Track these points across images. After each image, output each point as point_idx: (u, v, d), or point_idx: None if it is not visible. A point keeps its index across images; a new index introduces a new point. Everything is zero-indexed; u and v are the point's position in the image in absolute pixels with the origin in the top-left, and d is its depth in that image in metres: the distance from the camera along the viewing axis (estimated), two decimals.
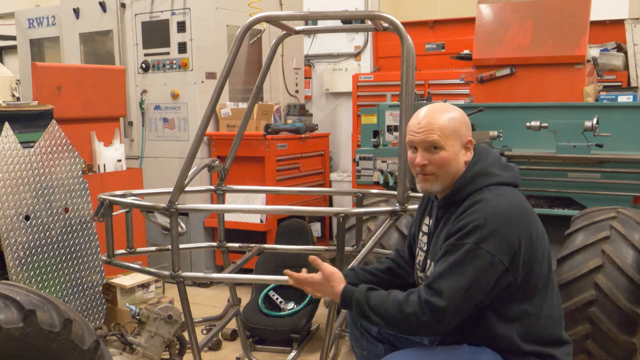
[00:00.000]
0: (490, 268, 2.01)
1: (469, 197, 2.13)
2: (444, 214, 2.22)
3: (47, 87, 4.25)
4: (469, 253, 2.01)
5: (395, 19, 2.69)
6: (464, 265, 2.01)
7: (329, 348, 2.91)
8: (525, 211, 2.13)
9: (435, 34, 7.12)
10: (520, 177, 2.25)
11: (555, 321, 2.18)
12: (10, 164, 3.46)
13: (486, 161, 2.20)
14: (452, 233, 2.09)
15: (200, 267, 5.50)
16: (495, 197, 2.09)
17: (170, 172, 5.35)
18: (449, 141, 2.15)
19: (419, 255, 2.39)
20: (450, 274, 2.02)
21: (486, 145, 2.31)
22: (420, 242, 2.39)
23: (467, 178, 2.16)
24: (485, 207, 2.06)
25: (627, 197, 3.83)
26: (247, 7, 5.62)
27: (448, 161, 2.16)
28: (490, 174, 2.17)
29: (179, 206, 2.78)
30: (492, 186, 2.14)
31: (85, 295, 3.75)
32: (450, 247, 2.06)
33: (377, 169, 4.32)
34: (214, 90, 2.82)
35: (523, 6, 4.52)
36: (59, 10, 6.20)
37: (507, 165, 2.24)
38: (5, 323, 1.89)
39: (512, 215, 2.06)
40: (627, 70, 5.72)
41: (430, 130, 2.15)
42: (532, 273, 2.10)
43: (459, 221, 2.08)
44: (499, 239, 2.01)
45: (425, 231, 2.37)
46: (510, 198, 2.12)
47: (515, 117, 4.21)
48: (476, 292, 2.02)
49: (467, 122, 2.22)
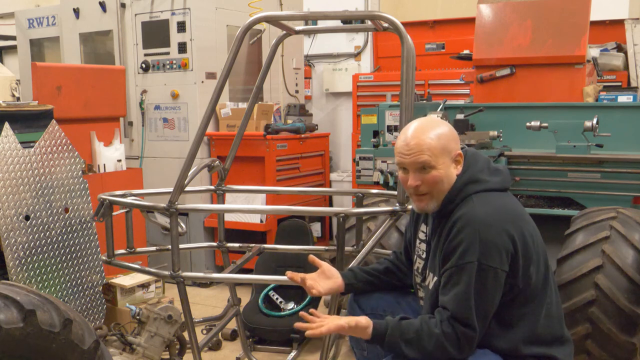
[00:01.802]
0: (496, 280, 2.04)
1: (458, 205, 2.14)
2: (439, 223, 2.23)
3: (47, 87, 4.25)
4: (473, 272, 2.02)
5: (395, 19, 2.69)
6: (475, 285, 2.03)
7: (329, 348, 2.91)
8: (515, 215, 2.13)
9: (435, 34, 7.12)
10: (510, 179, 2.25)
11: (555, 319, 2.19)
12: (10, 164, 3.46)
13: (475, 167, 2.20)
14: (449, 252, 2.09)
15: (200, 267, 5.50)
16: (482, 206, 2.10)
17: (170, 172, 5.35)
18: (439, 159, 2.14)
19: (417, 262, 2.40)
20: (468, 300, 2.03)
21: (474, 150, 2.30)
22: (418, 249, 2.39)
23: (457, 187, 2.17)
24: (474, 219, 2.06)
25: (627, 197, 3.83)
26: (247, 7, 5.62)
27: (441, 179, 2.16)
28: (479, 181, 2.17)
29: (179, 206, 2.78)
30: (481, 193, 2.14)
31: (85, 295, 3.75)
32: (454, 269, 2.07)
33: (377, 169, 4.32)
34: (214, 90, 2.81)
35: (523, 6, 4.52)
36: (59, 10, 6.20)
37: (496, 170, 2.24)
38: (5, 323, 1.89)
39: (502, 222, 2.07)
40: (627, 70, 5.72)
41: (419, 151, 2.13)
42: (530, 273, 2.11)
43: (453, 238, 2.08)
44: (496, 250, 2.03)
45: (423, 238, 2.37)
46: (498, 204, 2.12)
47: (515, 117, 4.21)
48: (491, 307, 2.07)
49: (454, 136, 2.20)
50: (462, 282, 2.04)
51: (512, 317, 2.12)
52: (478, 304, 2.04)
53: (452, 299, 2.07)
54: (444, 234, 2.16)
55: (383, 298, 2.53)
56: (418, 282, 2.40)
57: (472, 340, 2.06)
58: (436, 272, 2.19)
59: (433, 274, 2.23)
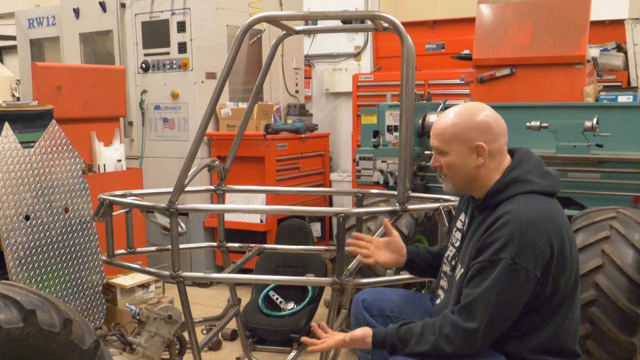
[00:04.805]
0: (525, 283, 2.00)
1: (502, 203, 2.11)
2: (479, 215, 2.20)
3: (47, 87, 4.25)
4: (505, 269, 1.99)
5: (395, 19, 2.69)
6: (501, 283, 2.00)
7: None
8: (559, 222, 2.09)
9: (435, 34, 7.12)
10: (559, 185, 2.20)
11: (571, 335, 2.15)
12: (10, 164, 3.46)
13: (526, 167, 2.16)
14: (485, 245, 2.06)
15: (200, 267, 5.50)
16: (528, 207, 2.05)
17: (170, 172, 5.35)
18: (451, 145, 2.16)
19: (449, 249, 2.37)
20: (485, 297, 2.01)
21: (528, 149, 2.24)
22: (453, 237, 2.37)
23: (504, 183, 2.13)
24: (517, 218, 2.02)
25: (627, 197, 3.83)
26: (247, 7, 5.62)
27: (452, 165, 2.17)
28: (527, 182, 2.12)
29: (179, 206, 2.78)
30: (527, 194, 2.10)
31: (85, 295, 3.75)
32: (486, 263, 2.03)
33: (377, 169, 4.32)
34: (214, 90, 2.81)
35: (523, 6, 4.52)
36: (59, 10, 6.20)
37: (547, 173, 2.18)
38: (5, 323, 1.89)
39: (545, 227, 2.03)
40: (627, 70, 5.71)
41: (434, 136, 2.21)
42: (560, 285, 2.07)
43: (492, 233, 2.05)
44: (533, 252, 1.99)
45: (459, 227, 2.34)
46: (544, 208, 2.08)
47: (515, 117, 4.20)
48: (511, 310, 2.03)
49: (478, 126, 2.15)
50: (491, 277, 2.01)
51: (532, 324, 2.08)
52: (501, 303, 2.00)
53: (476, 294, 2.03)
54: (482, 227, 2.12)
55: (391, 299, 2.52)
56: (444, 271, 2.37)
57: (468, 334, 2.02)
58: (464, 264, 2.16)
59: (461, 265, 2.20)
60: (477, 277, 2.05)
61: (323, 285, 3.50)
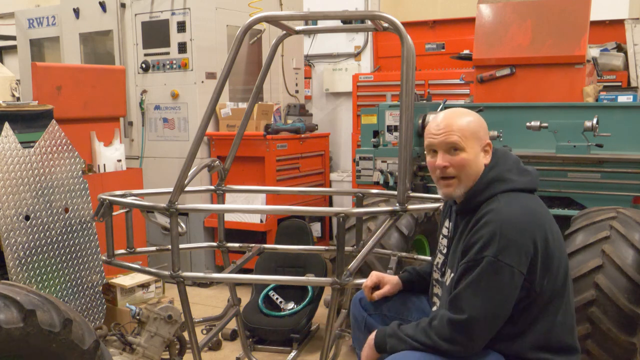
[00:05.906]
0: (512, 280, 2.01)
1: (483, 203, 2.12)
2: (462, 220, 2.21)
3: (47, 87, 4.25)
4: (489, 266, 2.00)
5: (395, 19, 2.68)
6: (485, 280, 2.01)
7: (329, 348, 2.91)
8: (540, 217, 2.10)
9: (435, 34, 7.12)
10: (538, 181, 2.22)
11: (567, 329, 2.16)
12: (10, 164, 3.46)
13: (503, 166, 2.18)
14: (469, 246, 2.08)
15: (200, 267, 5.50)
16: (508, 205, 2.07)
17: (170, 172, 5.35)
18: (469, 142, 2.15)
19: (437, 257, 2.39)
20: (470, 290, 2.02)
21: (505, 149, 2.29)
22: (440, 244, 2.39)
23: (483, 184, 2.15)
24: (498, 217, 2.04)
25: (627, 197, 3.84)
26: (247, 7, 5.62)
27: (469, 163, 2.16)
28: (506, 180, 2.14)
29: (179, 206, 2.78)
30: (507, 192, 2.12)
31: (85, 295, 3.75)
32: (471, 263, 2.05)
33: (377, 169, 4.32)
34: (214, 90, 2.81)
35: (523, 6, 4.52)
36: (59, 10, 6.20)
37: (524, 170, 2.21)
38: (5, 323, 1.89)
39: (526, 224, 2.04)
40: (627, 70, 5.72)
41: (450, 131, 2.15)
42: (549, 279, 2.08)
43: (475, 233, 2.07)
44: (515, 249, 2.00)
45: (445, 234, 2.36)
46: (524, 205, 2.10)
47: (515, 117, 4.21)
48: (501, 306, 2.03)
49: (484, 126, 2.22)
50: (474, 273, 2.02)
51: (526, 321, 2.09)
52: (488, 302, 2.00)
53: (460, 287, 2.05)
54: (466, 230, 2.14)
55: (388, 299, 2.52)
56: (435, 279, 2.39)
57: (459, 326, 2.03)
58: (454, 269, 2.17)
59: (451, 270, 2.21)
60: (463, 277, 2.07)
61: (323, 285, 3.50)
